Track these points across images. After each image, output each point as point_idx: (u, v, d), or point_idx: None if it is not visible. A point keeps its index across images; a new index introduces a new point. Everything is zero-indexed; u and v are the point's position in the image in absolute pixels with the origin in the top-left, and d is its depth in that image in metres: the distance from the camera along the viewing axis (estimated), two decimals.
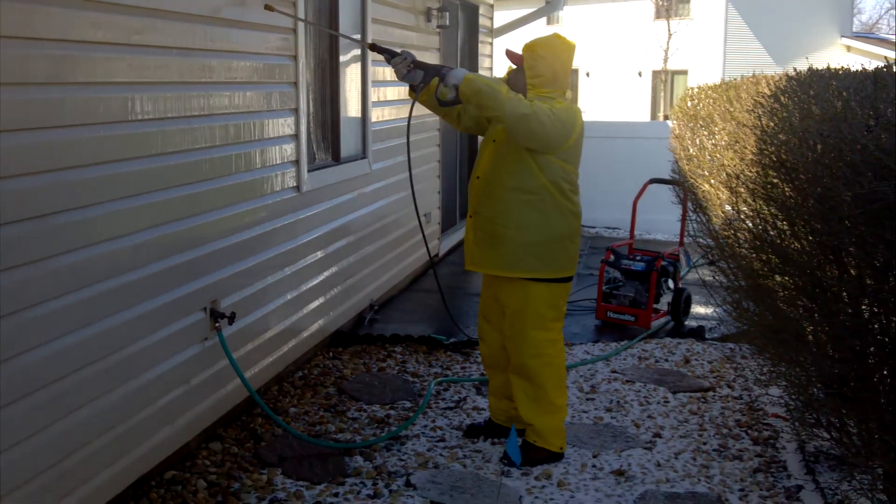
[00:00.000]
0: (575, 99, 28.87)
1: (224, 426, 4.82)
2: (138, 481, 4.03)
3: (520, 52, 4.48)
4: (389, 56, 4.51)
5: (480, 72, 10.76)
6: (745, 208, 4.72)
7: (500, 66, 12.35)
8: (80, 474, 3.59)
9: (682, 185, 7.95)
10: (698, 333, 6.91)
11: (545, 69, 4.37)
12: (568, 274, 4.52)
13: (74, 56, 3.50)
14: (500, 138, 4.44)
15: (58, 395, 3.44)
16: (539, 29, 26.94)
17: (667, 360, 6.29)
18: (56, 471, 3.43)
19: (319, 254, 5.99)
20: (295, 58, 5.53)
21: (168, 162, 4.15)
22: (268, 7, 4.89)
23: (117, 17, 3.76)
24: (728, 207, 5.35)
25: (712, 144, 6.74)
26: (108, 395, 3.75)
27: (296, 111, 5.57)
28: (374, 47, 4.63)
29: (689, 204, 7.73)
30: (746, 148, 5.18)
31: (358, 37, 5.05)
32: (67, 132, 3.47)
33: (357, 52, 6.82)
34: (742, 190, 4.80)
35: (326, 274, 6.12)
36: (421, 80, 4.46)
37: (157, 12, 4.02)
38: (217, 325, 4.56)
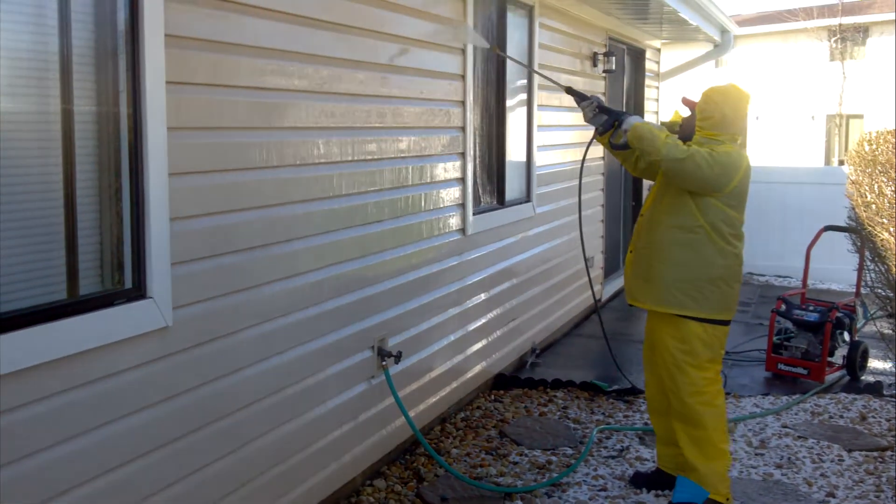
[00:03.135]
0: (743, 143, 28.15)
1: (388, 464, 4.90)
2: None
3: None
4: (580, 99, 4.77)
5: (646, 116, 10.67)
6: None
7: (665, 111, 12.22)
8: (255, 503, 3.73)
9: (858, 233, 7.62)
10: (876, 389, 6.56)
11: (714, 111, 4.42)
12: (724, 317, 4.45)
13: (265, 103, 3.70)
14: (665, 179, 4.53)
15: (237, 425, 3.59)
16: (707, 72, 26.44)
17: (841, 417, 6.00)
18: (232, 499, 3.58)
19: (483, 296, 6.05)
20: (463, 103, 5.65)
21: (344, 203, 4.31)
22: (493, 48, 5.55)
23: (306, 67, 3.97)
24: None
25: (891, 191, 6.45)
26: (283, 427, 3.90)
27: (463, 155, 5.67)
28: (570, 91, 4.90)
29: (867, 253, 7.40)
30: None
31: (544, 76, 5.49)
32: (257, 174, 3.67)
33: (523, 96, 6.90)
34: None
35: (490, 316, 6.17)
36: (603, 123, 4.67)
37: (334, 60, 4.20)
38: (384, 363, 4.66)
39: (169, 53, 3.14)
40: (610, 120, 4.64)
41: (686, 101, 4.67)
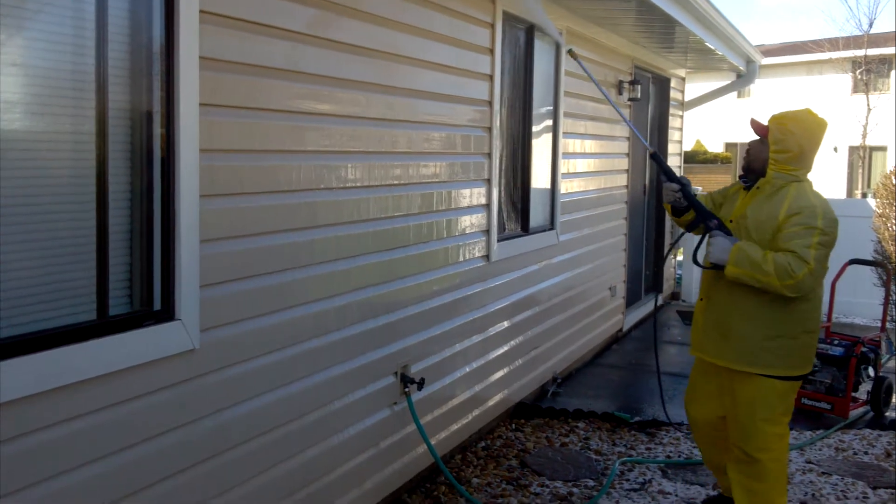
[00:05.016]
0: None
1: (408, 492, 4.86)
2: None
3: (765, 122, 4.22)
4: (666, 178, 4.41)
5: (669, 145, 10.64)
6: None
7: (689, 139, 12.17)
8: None
9: (885, 267, 7.56)
10: None
11: (793, 145, 4.10)
12: (804, 372, 4.22)
13: (296, 126, 3.70)
14: (737, 226, 4.24)
15: (261, 449, 3.57)
16: (729, 102, 26.33)
17: (866, 453, 5.92)
18: None
19: (505, 324, 6.02)
20: (489, 129, 5.64)
21: (370, 228, 4.30)
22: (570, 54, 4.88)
23: (336, 91, 3.96)
24: None
25: None
26: (306, 452, 3.87)
27: (488, 181, 5.66)
28: (655, 157, 4.49)
29: (893, 287, 7.34)
30: None
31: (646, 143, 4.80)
32: (286, 197, 3.67)
33: (549, 123, 6.89)
34: None
35: (512, 344, 6.13)
36: (693, 220, 4.37)
37: (364, 85, 4.21)
38: (406, 389, 4.63)
39: (203, 76, 3.14)
40: (698, 220, 4.31)
41: (755, 125, 4.24)
